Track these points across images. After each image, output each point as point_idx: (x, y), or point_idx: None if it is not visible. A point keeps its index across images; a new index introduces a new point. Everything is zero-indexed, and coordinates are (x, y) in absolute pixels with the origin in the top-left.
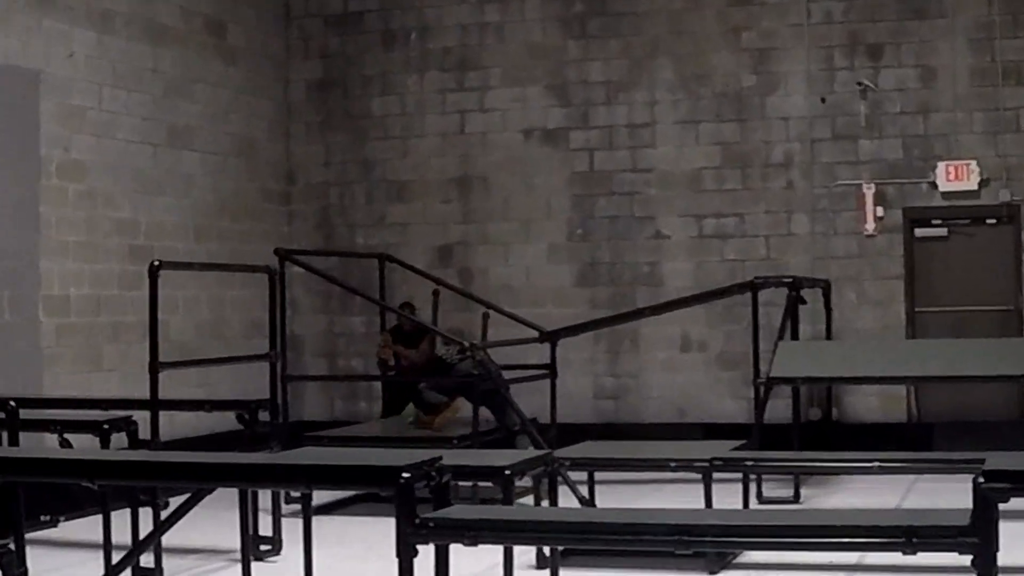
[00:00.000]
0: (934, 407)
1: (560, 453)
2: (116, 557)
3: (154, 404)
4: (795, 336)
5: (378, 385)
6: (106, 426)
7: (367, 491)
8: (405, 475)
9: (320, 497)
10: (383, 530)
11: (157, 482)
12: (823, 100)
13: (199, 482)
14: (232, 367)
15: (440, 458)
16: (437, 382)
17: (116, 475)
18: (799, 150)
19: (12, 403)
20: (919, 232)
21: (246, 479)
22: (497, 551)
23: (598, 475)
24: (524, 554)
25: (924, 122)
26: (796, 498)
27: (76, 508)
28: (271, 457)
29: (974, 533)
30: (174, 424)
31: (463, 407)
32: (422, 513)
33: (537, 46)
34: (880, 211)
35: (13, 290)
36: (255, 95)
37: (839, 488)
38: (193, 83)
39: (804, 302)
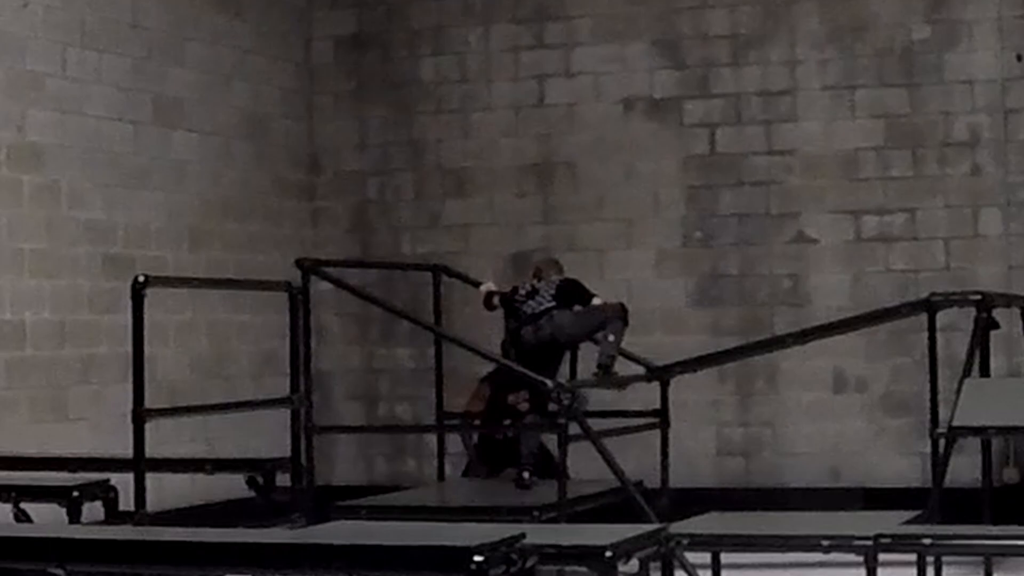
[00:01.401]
0: None
1: (676, 528)
2: None
3: (138, 464)
4: (986, 372)
5: (432, 439)
6: (76, 493)
7: None
8: (478, 558)
9: None
10: None
11: (143, 568)
12: (1019, 58)
13: (199, 568)
14: (240, 415)
15: (523, 535)
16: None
17: (90, 558)
18: (989, 124)
19: None
20: None
21: (261, 563)
22: None
23: (725, 557)
24: None
25: None
26: None
27: None
28: (294, 535)
29: None
30: (164, 490)
31: None
32: None
33: None
34: None
35: None
36: (267, 57)
37: None
38: (186, 42)
39: (998, 326)
